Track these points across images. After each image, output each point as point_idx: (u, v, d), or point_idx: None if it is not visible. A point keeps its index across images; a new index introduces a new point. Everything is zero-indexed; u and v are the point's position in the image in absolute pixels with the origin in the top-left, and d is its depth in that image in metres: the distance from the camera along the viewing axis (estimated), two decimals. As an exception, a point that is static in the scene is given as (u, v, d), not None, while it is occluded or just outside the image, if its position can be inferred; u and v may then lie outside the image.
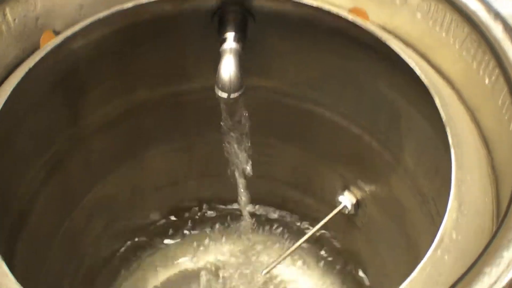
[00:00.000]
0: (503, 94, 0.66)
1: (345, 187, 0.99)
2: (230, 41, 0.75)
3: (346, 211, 0.99)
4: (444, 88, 0.73)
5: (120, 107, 0.89)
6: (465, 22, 0.71)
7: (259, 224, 1.15)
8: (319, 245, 1.11)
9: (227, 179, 0.96)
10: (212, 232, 1.14)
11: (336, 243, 1.10)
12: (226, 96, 0.75)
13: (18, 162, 0.75)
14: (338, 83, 0.86)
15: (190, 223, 1.14)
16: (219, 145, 0.91)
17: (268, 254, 1.10)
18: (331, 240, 1.10)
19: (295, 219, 1.14)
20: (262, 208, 1.14)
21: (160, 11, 0.78)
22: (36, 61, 0.69)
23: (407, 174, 0.83)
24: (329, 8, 0.74)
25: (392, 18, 0.79)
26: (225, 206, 1.14)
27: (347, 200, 0.99)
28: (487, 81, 0.69)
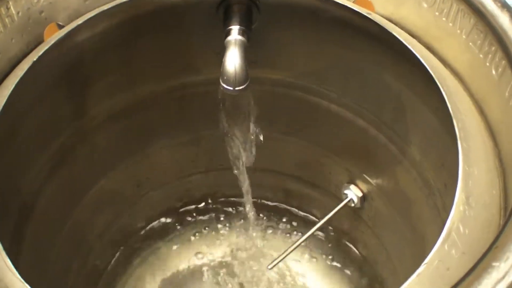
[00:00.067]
0: (510, 86, 0.66)
1: (351, 181, 0.99)
2: (235, 33, 0.74)
3: (352, 205, 0.99)
4: (451, 80, 0.72)
5: (125, 100, 0.89)
6: (472, 12, 0.70)
7: (265, 218, 1.14)
8: (325, 239, 1.11)
9: (233, 173, 0.96)
10: (218, 227, 1.14)
11: (342, 237, 1.09)
12: (231, 89, 0.74)
13: (22, 157, 0.75)
14: (343, 75, 0.85)
15: (196, 217, 1.14)
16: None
17: (274, 248, 1.10)
18: (337, 234, 1.10)
19: (301, 213, 1.14)
20: (267, 202, 1.14)
21: (165, 2, 0.77)
22: (40, 55, 0.69)
23: (413, 167, 0.83)
24: (334, -1, 0.73)
25: (398, 9, 0.78)
26: (231, 200, 1.14)
27: (353, 194, 0.98)
28: (494, 72, 0.68)
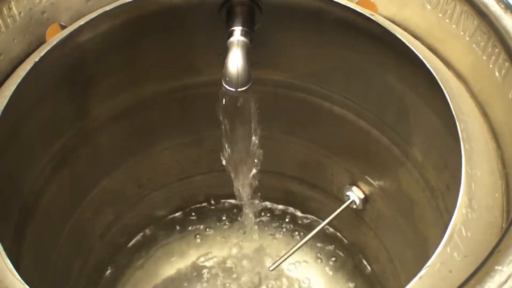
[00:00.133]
0: (514, 88, 0.65)
1: (353, 182, 0.99)
2: (238, 34, 0.74)
3: (354, 206, 0.99)
4: (454, 81, 0.72)
5: (127, 101, 0.89)
6: (475, 14, 0.70)
7: (266, 219, 1.14)
8: (327, 241, 1.11)
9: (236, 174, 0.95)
10: (219, 227, 1.14)
11: (344, 238, 1.09)
12: (234, 91, 0.74)
13: (24, 158, 0.75)
14: (346, 76, 0.85)
15: (197, 218, 1.14)
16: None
17: (276, 250, 1.10)
18: (339, 235, 1.10)
19: (303, 215, 1.14)
20: (269, 203, 1.14)
21: (167, 3, 0.77)
22: (42, 55, 0.69)
23: (416, 168, 0.83)
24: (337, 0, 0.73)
25: (401, 10, 0.78)
26: (233, 201, 1.14)
27: (355, 195, 0.98)
28: (497, 74, 0.68)
